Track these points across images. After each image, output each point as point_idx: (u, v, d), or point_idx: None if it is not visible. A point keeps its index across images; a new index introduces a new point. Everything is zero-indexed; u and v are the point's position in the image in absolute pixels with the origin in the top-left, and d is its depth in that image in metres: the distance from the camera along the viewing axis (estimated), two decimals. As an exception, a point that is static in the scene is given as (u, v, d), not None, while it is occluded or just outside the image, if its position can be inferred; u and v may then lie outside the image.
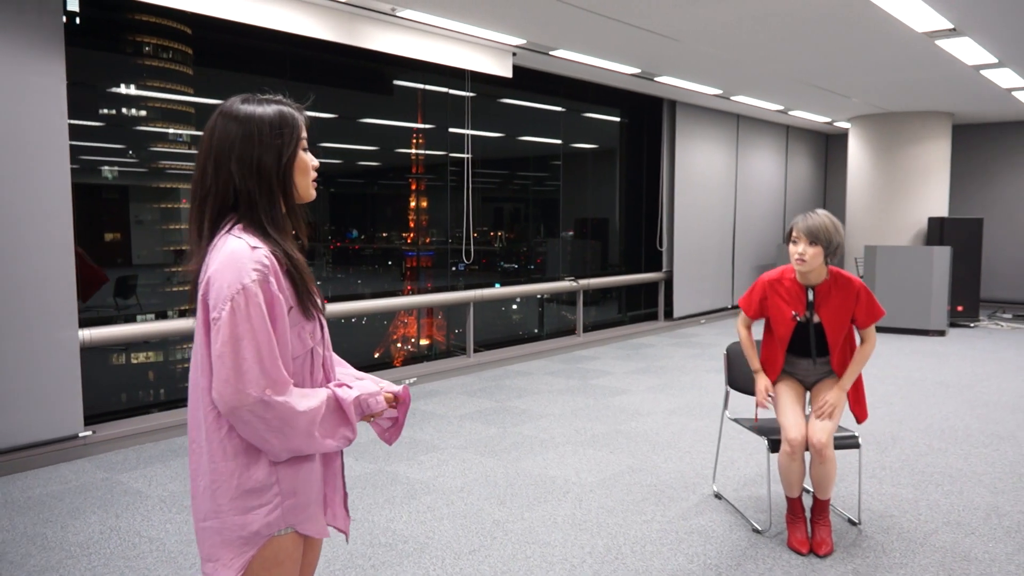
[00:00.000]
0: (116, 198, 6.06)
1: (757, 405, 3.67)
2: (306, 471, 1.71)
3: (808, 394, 3.71)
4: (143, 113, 5.91)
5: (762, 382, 3.63)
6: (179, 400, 6.01)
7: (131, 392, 6.12)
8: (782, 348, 3.59)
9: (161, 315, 6.08)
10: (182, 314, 6.01)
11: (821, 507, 3.53)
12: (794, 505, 3.58)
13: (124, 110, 5.86)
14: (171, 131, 6.03)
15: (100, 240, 5.93)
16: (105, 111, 5.79)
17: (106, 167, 5.81)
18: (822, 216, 3.37)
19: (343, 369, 1.94)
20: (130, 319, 5.81)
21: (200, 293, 1.62)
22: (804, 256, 3.36)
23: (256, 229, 1.66)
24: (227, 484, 1.64)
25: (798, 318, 3.48)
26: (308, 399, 1.62)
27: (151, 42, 5.77)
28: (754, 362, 3.70)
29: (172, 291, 6.24)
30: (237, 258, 1.58)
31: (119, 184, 5.98)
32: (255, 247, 1.61)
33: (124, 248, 6.07)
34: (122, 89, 5.81)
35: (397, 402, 1.85)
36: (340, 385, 1.72)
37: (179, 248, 6.25)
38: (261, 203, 1.66)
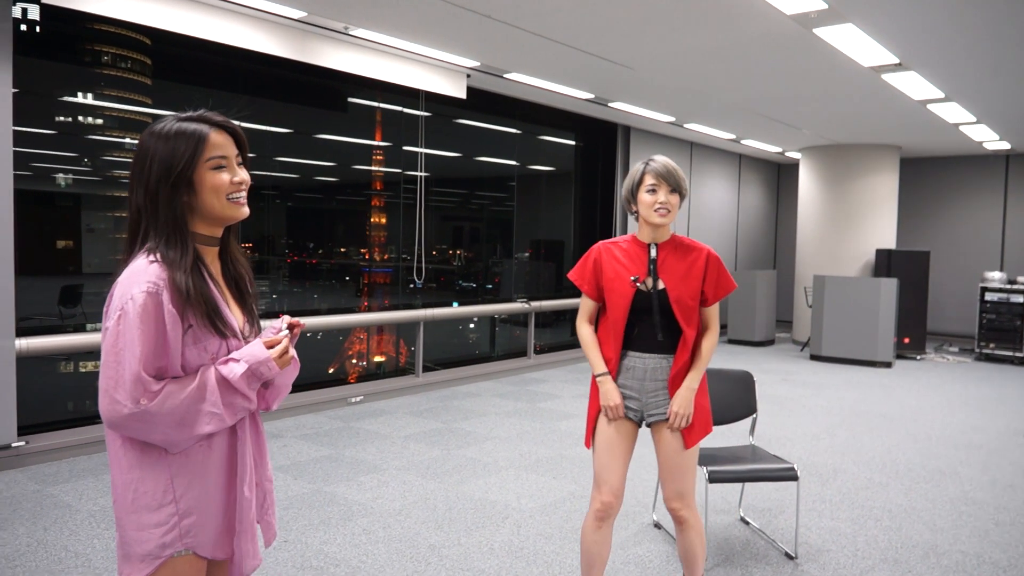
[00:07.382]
0: (69, 206, 6.01)
1: (605, 416, 2.82)
2: (207, 488, 1.65)
3: (650, 437, 2.92)
4: (99, 122, 5.84)
5: (614, 396, 2.78)
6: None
7: (58, 404, 5.96)
8: (618, 336, 2.78)
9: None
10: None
11: None
12: None
13: (80, 118, 5.79)
14: (127, 140, 5.96)
15: (52, 247, 5.88)
16: (61, 119, 5.73)
17: (60, 175, 5.75)
18: (668, 160, 2.85)
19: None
20: (56, 329, 5.63)
21: (105, 306, 1.62)
22: (668, 205, 2.75)
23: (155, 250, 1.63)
24: (123, 497, 1.61)
25: (638, 283, 2.75)
26: (183, 384, 1.57)
27: (110, 51, 5.69)
28: (598, 365, 2.82)
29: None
30: (135, 272, 1.58)
31: (72, 192, 5.93)
32: (154, 261, 1.59)
33: (75, 256, 6.01)
34: (79, 98, 5.75)
35: (292, 332, 1.77)
36: (226, 362, 1.64)
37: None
38: (153, 224, 1.63)
